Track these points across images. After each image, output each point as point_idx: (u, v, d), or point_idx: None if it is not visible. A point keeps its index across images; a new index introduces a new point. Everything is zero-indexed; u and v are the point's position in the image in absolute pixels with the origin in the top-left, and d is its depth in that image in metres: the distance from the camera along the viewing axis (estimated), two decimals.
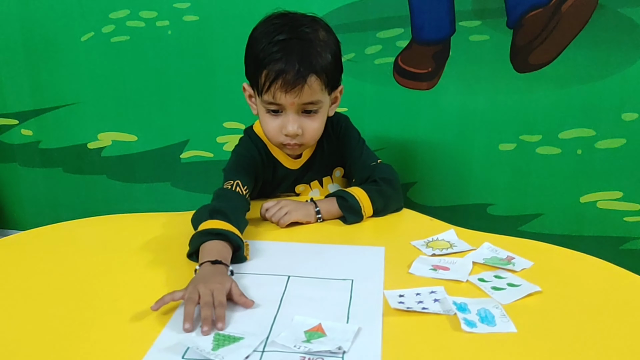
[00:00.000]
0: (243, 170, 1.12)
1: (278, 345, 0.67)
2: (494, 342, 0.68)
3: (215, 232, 0.88)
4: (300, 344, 0.67)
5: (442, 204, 1.63)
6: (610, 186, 1.50)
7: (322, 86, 1.05)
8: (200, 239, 0.88)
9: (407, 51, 1.52)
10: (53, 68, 1.75)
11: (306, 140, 1.11)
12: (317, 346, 0.66)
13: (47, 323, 0.73)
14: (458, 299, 0.76)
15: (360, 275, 0.85)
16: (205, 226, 0.90)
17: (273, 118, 1.08)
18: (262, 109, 1.09)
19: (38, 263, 0.90)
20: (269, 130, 1.10)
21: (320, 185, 1.23)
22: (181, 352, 0.67)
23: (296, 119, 1.07)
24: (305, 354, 0.66)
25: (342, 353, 0.66)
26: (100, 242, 0.99)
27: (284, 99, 1.03)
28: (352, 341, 0.68)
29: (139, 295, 0.79)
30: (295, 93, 1.02)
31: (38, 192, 1.93)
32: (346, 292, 0.80)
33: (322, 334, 0.69)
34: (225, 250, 0.87)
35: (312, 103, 1.06)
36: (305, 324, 0.71)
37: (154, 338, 0.70)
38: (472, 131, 1.55)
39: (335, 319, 0.73)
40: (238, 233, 0.91)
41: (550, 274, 0.85)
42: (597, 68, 1.41)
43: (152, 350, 0.67)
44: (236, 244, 0.89)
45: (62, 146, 1.85)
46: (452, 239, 0.97)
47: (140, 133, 1.78)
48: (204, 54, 1.63)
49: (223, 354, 0.66)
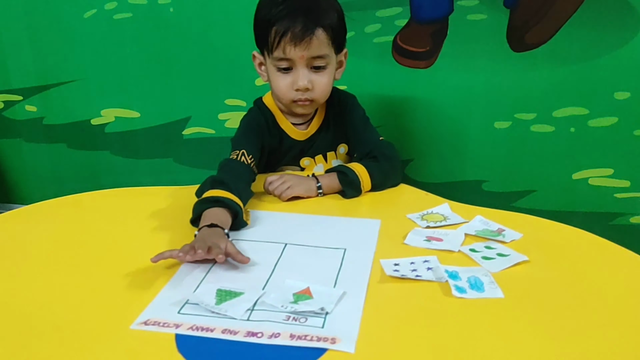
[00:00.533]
0: (249, 138, 1.17)
1: (267, 305, 0.72)
2: (482, 306, 0.72)
3: (214, 200, 0.93)
4: (288, 305, 0.72)
5: (438, 180, 1.67)
6: (602, 163, 1.53)
7: (329, 41, 1.11)
8: (201, 207, 0.93)
9: (406, 30, 1.55)
10: (57, 44, 1.77)
11: (316, 95, 1.15)
12: (303, 307, 0.71)
13: (52, 293, 0.76)
14: (450, 267, 0.81)
15: (353, 245, 0.89)
16: (206, 195, 0.95)
17: (284, 76, 1.13)
18: (272, 70, 1.14)
19: (43, 235, 0.94)
20: (280, 88, 1.15)
21: (325, 160, 1.27)
22: (179, 307, 0.72)
23: (306, 74, 1.12)
24: (291, 313, 0.70)
25: (325, 314, 0.70)
26: (104, 214, 1.03)
27: (293, 52, 1.08)
28: (336, 304, 0.72)
29: (142, 263, 0.83)
30: (304, 46, 1.08)
31: (42, 168, 1.96)
32: (337, 259, 0.85)
33: (309, 296, 0.74)
34: (223, 216, 0.91)
35: (320, 57, 1.11)
36: (294, 287, 0.76)
37: (155, 294, 0.75)
38: (469, 109, 1.58)
39: (323, 284, 0.77)
40: (237, 200, 0.95)
41: (538, 245, 0.89)
42: (591, 48, 1.44)
43: (152, 305, 0.72)
44: (234, 210, 0.93)
45: (66, 122, 1.87)
46: (446, 212, 1.01)
47: (143, 109, 1.81)
48: (206, 31, 1.65)
49: (226, 308, 0.71)
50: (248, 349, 0.64)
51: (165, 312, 0.71)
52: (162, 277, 0.79)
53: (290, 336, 0.66)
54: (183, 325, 0.68)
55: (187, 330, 0.67)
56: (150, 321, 0.69)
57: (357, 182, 1.09)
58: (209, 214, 0.91)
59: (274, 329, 0.67)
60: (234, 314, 0.70)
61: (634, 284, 0.79)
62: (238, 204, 0.95)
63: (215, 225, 0.87)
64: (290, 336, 0.66)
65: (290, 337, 0.66)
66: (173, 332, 0.67)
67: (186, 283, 0.78)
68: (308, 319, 0.69)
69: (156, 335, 0.66)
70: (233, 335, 0.66)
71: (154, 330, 0.67)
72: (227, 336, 0.66)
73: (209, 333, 0.67)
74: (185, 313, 0.71)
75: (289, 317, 0.70)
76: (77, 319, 0.70)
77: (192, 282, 0.78)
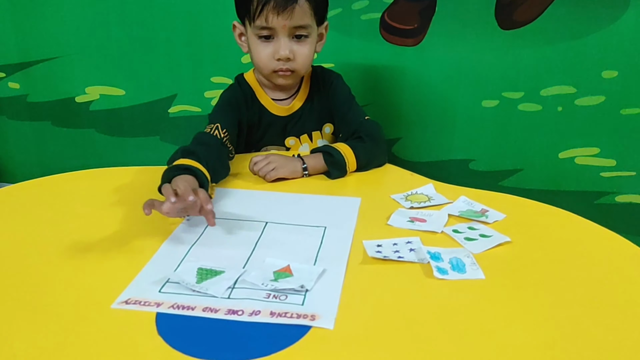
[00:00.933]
0: (225, 113, 1.17)
1: (247, 283, 0.72)
2: (463, 287, 0.73)
3: (183, 167, 0.94)
4: (268, 282, 0.72)
5: (425, 159, 1.66)
6: (588, 142, 1.54)
7: (312, 11, 1.11)
8: (170, 174, 0.93)
9: (394, 7, 1.53)
10: (39, 20, 1.74)
11: (297, 66, 1.15)
12: (283, 284, 0.71)
13: (33, 273, 0.76)
14: (432, 248, 0.81)
15: (333, 223, 0.89)
16: (176, 163, 0.95)
17: (265, 45, 1.12)
18: (253, 39, 1.13)
19: (26, 215, 0.93)
20: (261, 57, 1.14)
21: (310, 139, 1.26)
22: (160, 286, 0.72)
23: (288, 43, 1.12)
24: (271, 291, 0.71)
25: (305, 291, 0.71)
26: (88, 194, 1.02)
27: (276, 21, 1.08)
28: (316, 281, 0.73)
29: (124, 243, 0.83)
30: (287, 14, 1.07)
31: (27, 146, 1.94)
32: (317, 238, 0.85)
33: (290, 274, 0.75)
34: (193, 182, 0.91)
35: (302, 27, 1.11)
36: (275, 265, 0.77)
37: (136, 273, 0.75)
38: (457, 88, 1.57)
39: (303, 262, 0.78)
40: (205, 172, 0.95)
41: (521, 225, 0.89)
42: (579, 25, 1.43)
43: (132, 284, 0.72)
44: (201, 181, 0.93)
45: (50, 100, 1.85)
46: (430, 192, 1.01)
47: (128, 87, 1.79)
48: (191, 8, 1.63)
49: (207, 286, 0.71)
50: (228, 326, 0.65)
51: (146, 291, 0.71)
52: (143, 256, 0.79)
53: (270, 313, 0.66)
54: (164, 304, 0.68)
55: (167, 309, 0.67)
56: (131, 300, 0.69)
57: (343, 162, 1.08)
58: (178, 179, 0.91)
59: (255, 306, 0.67)
60: (215, 292, 0.70)
61: (616, 264, 0.80)
62: (206, 175, 0.95)
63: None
64: (271, 313, 0.66)
65: (271, 314, 0.66)
66: (154, 310, 0.67)
67: (167, 262, 0.78)
68: (288, 296, 0.70)
69: (137, 314, 0.66)
70: (214, 313, 0.66)
71: (135, 309, 0.67)
72: (208, 314, 0.66)
73: (190, 311, 0.67)
74: (166, 292, 0.71)
75: (270, 295, 0.70)
76: (58, 300, 0.70)
77: (173, 260, 0.78)
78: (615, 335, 0.64)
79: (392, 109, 1.63)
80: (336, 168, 1.09)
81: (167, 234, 0.86)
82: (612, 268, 0.79)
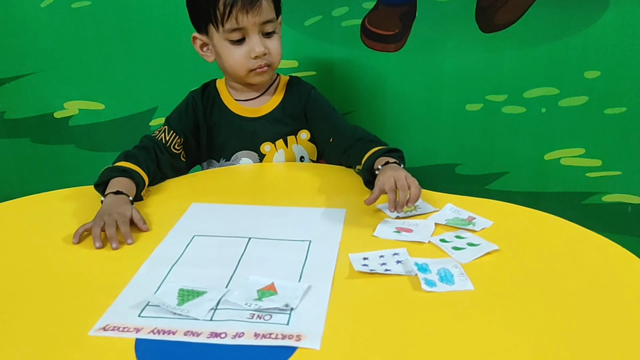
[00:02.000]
0: (179, 115, 1.22)
1: (230, 303, 0.70)
2: (452, 300, 0.71)
3: (122, 169, 1.01)
4: (252, 302, 0.70)
5: (410, 165, 1.62)
6: (573, 143, 1.53)
7: (273, 6, 1.14)
8: (110, 174, 1.00)
9: (374, 12, 1.52)
10: (13, 36, 1.70)
11: (273, 59, 1.16)
12: (267, 304, 0.69)
13: (8, 298, 0.74)
14: (419, 259, 0.79)
15: (318, 237, 0.88)
16: (117, 164, 1.04)
17: (237, 48, 1.14)
18: (223, 44, 1.14)
19: (4, 239, 0.91)
20: (236, 60, 1.14)
21: (285, 145, 1.24)
22: (139, 310, 0.70)
23: (260, 40, 1.13)
24: (255, 311, 0.69)
25: (290, 310, 0.69)
26: (68, 214, 0.99)
27: (246, 20, 1.09)
28: (301, 298, 0.71)
29: (103, 265, 0.81)
30: (255, 11, 1.09)
31: (6, 163, 1.90)
32: (302, 253, 0.83)
33: (274, 292, 0.72)
34: (129, 185, 0.99)
35: (269, 22, 1.13)
36: (259, 283, 0.74)
37: (115, 297, 0.73)
38: (440, 92, 1.56)
39: (288, 278, 0.75)
40: (144, 175, 1.03)
41: (508, 232, 0.88)
42: (560, 27, 1.43)
43: (111, 308, 0.70)
44: (136, 182, 1.00)
45: (28, 116, 1.81)
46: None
47: (108, 101, 1.75)
48: (169, 18, 1.60)
49: (188, 308, 0.69)
50: (211, 350, 0.62)
51: (125, 315, 0.69)
52: (123, 278, 0.77)
53: (254, 335, 0.64)
54: (144, 329, 0.66)
55: (147, 334, 0.65)
56: (109, 326, 0.67)
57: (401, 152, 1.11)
58: (115, 182, 0.98)
59: (238, 328, 0.65)
60: (197, 314, 0.68)
61: (606, 268, 0.79)
62: (142, 177, 1.03)
63: (120, 193, 0.95)
64: (255, 335, 0.64)
65: (255, 335, 0.64)
66: (133, 337, 0.65)
67: (147, 283, 0.76)
68: (273, 315, 0.68)
69: (115, 341, 0.64)
70: (196, 337, 0.64)
71: (113, 335, 0.65)
72: (190, 338, 0.64)
73: (171, 336, 0.65)
74: (146, 316, 0.69)
75: (254, 315, 0.68)
76: (34, 326, 0.67)
77: (154, 282, 0.76)
78: (609, 341, 0.63)
79: (375, 116, 1.61)
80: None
81: (148, 253, 0.83)
82: (602, 272, 0.78)
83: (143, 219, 0.91)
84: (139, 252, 0.84)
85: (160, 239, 0.88)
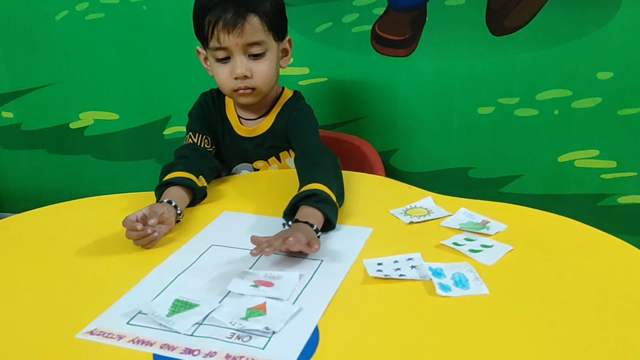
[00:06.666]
0: (197, 118, 1.22)
1: (215, 320, 0.69)
2: (467, 304, 0.71)
3: (165, 183, 1.02)
4: (237, 321, 0.68)
5: (423, 169, 1.65)
6: (587, 145, 1.52)
7: (265, 27, 1.10)
8: (159, 191, 1.02)
9: (384, 18, 1.52)
10: (29, 49, 1.73)
11: (257, 83, 1.12)
12: (251, 324, 0.68)
13: (34, 305, 0.75)
14: (434, 264, 0.79)
15: (332, 256, 0.84)
16: (165, 179, 1.03)
17: (223, 66, 1.12)
18: (213, 62, 1.14)
19: (27, 247, 0.92)
20: (220, 79, 1.14)
21: (278, 160, 1.24)
22: (130, 317, 0.70)
23: (244, 62, 1.10)
24: (237, 330, 0.67)
25: (272, 333, 0.67)
26: (85, 224, 1.01)
27: (227, 40, 1.08)
28: (287, 322, 0.68)
29: (126, 274, 0.81)
30: (237, 32, 1.07)
31: (23, 174, 1.93)
32: (310, 271, 0.80)
33: (263, 312, 0.71)
34: (177, 192, 1.00)
35: (256, 44, 1.10)
36: (252, 301, 0.73)
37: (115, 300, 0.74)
38: (451, 96, 1.56)
39: (285, 297, 0.73)
40: (191, 176, 1.03)
41: (523, 236, 0.88)
42: (571, 28, 1.42)
43: (105, 313, 0.71)
44: (187, 185, 1.02)
45: (44, 127, 1.84)
46: (430, 205, 1.00)
47: (122, 111, 1.78)
48: (181, 27, 1.62)
49: (174, 320, 0.69)
50: None
51: (114, 321, 0.70)
52: (130, 283, 0.78)
53: (226, 356, 0.63)
54: (126, 337, 0.67)
55: (127, 342, 0.66)
56: (96, 331, 0.68)
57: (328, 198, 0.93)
58: (166, 194, 1.00)
59: (213, 347, 0.65)
60: (180, 327, 0.68)
61: (620, 270, 0.78)
62: (191, 179, 1.03)
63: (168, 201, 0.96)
64: (227, 356, 0.63)
65: (227, 357, 0.63)
66: (114, 344, 0.66)
67: (149, 290, 0.76)
68: (252, 337, 0.66)
69: (97, 346, 0.65)
70: (170, 351, 0.64)
71: (97, 340, 0.66)
72: (164, 352, 0.64)
73: (148, 347, 0.65)
74: (134, 324, 0.69)
75: (233, 335, 0.67)
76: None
77: (156, 289, 0.76)
78: (628, 345, 0.63)
79: (387, 121, 1.62)
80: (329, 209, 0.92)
81: (164, 259, 0.84)
82: (620, 275, 0.77)
83: (156, 222, 0.89)
84: (155, 256, 0.85)
85: (182, 245, 0.89)
